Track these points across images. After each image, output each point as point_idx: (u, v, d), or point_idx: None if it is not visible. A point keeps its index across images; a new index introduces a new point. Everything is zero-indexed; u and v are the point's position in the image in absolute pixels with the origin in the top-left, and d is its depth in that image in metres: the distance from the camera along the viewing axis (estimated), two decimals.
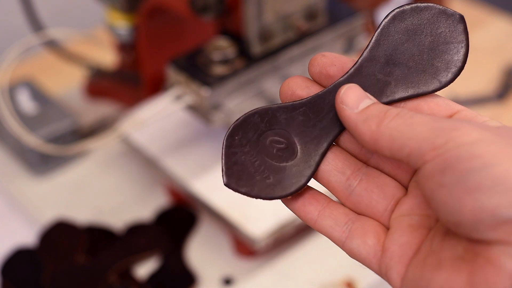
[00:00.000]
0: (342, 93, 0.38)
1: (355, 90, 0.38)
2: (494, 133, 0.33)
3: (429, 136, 0.34)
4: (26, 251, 0.79)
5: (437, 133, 0.34)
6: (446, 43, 0.40)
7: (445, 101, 0.39)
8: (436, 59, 0.40)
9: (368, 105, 0.38)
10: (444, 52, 0.40)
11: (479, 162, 0.32)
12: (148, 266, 0.78)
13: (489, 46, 1.11)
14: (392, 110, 0.37)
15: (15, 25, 0.98)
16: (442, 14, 0.40)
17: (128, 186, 0.87)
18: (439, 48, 0.40)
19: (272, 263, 0.77)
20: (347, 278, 0.74)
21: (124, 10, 0.83)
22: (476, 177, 0.32)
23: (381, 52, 0.40)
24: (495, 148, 0.32)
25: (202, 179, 0.79)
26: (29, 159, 0.87)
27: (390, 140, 0.36)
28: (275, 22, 0.76)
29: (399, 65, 0.39)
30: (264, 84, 0.77)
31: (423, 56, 0.39)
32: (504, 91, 1.02)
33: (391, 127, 0.36)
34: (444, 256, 0.34)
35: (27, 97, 0.90)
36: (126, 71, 0.92)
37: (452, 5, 1.19)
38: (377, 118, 0.37)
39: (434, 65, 0.40)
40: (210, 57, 0.74)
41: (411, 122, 0.35)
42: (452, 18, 0.40)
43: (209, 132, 0.84)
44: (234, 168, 0.38)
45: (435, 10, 0.40)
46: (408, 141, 0.35)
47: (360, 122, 0.37)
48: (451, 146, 0.33)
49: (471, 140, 0.33)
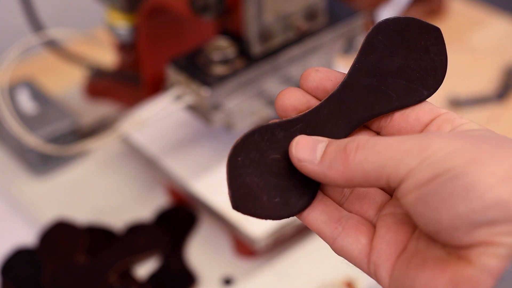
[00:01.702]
0: (293, 152, 0.38)
1: (304, 142, 0.38)
2: (465, 142, 0.34)
3: (402, 159, 0.35)
4: (26, 251, 0.79)
5: (410, 154, 0.35)
6: (427, 54, 0.41)
7: (428, 106, 0.40)
8: (420, 70, 0.41)
9: (324, 150, 0.38)
10: (427, 63, 0.41)
11: (452, 173, 0.33)
12: (148, 266, 0.78)
13: (489, 46, 1.11)
14: (350, 144, 0.37)
15: (15, 25, 0.98)
16: (422, 27, 0.41)
17: (128, 186, 0.87)
18: (422, 59, 0.41)
19: (272, 263, 0.77)
20: (347, 278, 0.74)
21: (124, 10, 0.83)
22: (449, 187, 0.33)
23: (369, 64, 0.40)
24: (466, 158, 0.33)
25: (202, 179, 0.79)
26: (29, 159, 0.87)
27: (364, 174, 0.36)
28: (275, 22, 0.76)
29: (387, 77, 0.40)
30: (264, 84, 0.77)
31: (408, 67, 0.40)
32: (504, 91, 1.02)
33: (359, 161, 0.36)
34: (429, 255, 0.35)
35: (27, 97, 0.90)
36: (126, 71, 0.92)
37: (452, 5, 1.19)
38: (340, 159, 0.37)
39: (419, 76, 0.41)
40: (210, 57, 0.74)
41: (377, 151, 0.36)
42: (431, 31, 0.41)
43: (209, 132, 0.84)
44: (241, 191, 0.38)
45: (415, 23, 0.41)
46: (383, 169, 0.35)
47: (326, 170, 0.37)
48: (426, 164, 0.34)
49: (445, 152, 0.34)
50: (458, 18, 1.17)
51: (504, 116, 0.98)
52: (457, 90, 1.02)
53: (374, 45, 0.40)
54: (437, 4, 1.15)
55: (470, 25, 1.15)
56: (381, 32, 0.40)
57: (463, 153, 0.34)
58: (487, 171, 0.33)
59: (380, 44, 0.40)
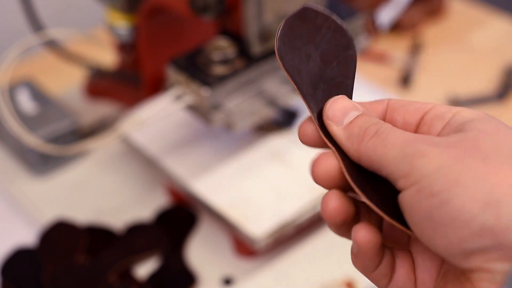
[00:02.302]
0: (327, 107, 0.39)
1: (340, 103, 0.39)
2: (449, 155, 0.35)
3: (398, 163, 0.36)
4: (26, 251, 0.79)
5: (404, 160, 0.35)
6: (332, 41, 0.42)
7: (413, 105, 0.40)
8: (336, 66, 0.42)
9: (351, 120, 0.39)
10: (338, 56, 0.42)
11: (438, 200, 0.34)
12: (148, 266, 0.78)
13: (489, 46, 1.11)
14: (371, 128, 0.38)
15: (15, 25, 0.98)
16: (316, 16, 0.42)
17: (128, 186, 0.87)
18: (331, 49, 0.42)
19: (272, 263, 0.77)
20: (347, 278, 0.74)
21: (124, 10, 0.83)
22: (437, 215, 0.34)
23: (305, 77, 0.41)
24: (449, 180, 0.34)
25: (202, 179, 0.79)
26: (29, 159, 0.87)
27: (369, 160, 0.37)
28: (275, 22, 0.76)
29: (319, 85, 0.41)
30: (264, 84, 0.77)
31: (325, 64, 0.41)
32: (504, 91, 1.02)
33: (369, 148, 0.37)
34: (450, 277, 0.37)
35: (27, 97, 0.90)
36: (126, 71, 0.92)
37: (452, 5, 1.19)
38: (357, 137, 0.38)
39: (338, 71, 0.42)
40: (210, 57, 0.74)
41: (385, 144, 0.37)
42: (328, 21, 0.43)
43: (209, 132, 0.84)
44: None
45: (310, 14, 0.42)
46: (382, 164, 0.36)
47: (344, 139, 0.39)
48: (414, 178, 0.35)
49: (431, 170, 0.34)
50: (458, 18, 1.17)
51: (504, 116, 0.98)
52: (457, 90, 1.02)
53: (287, 58, 0.41)
54: (437, 4, 1.15)
55: (470, 25, 1.15)
56: (285, 43, 0.41)
57: (446, 174, 0.34)
58: (470, 196, 0.33)
59: (292, 56, 0.41)
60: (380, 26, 1.10)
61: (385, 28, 1.11)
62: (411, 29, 1.12)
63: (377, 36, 1.11)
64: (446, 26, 1.15)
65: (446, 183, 0.34)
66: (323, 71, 0.41)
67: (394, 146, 0.36)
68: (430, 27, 1.14)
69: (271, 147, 0.83)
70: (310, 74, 0.41)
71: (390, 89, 1.03)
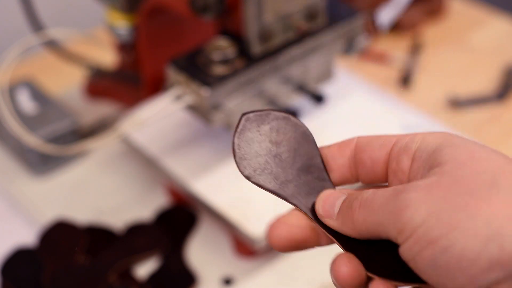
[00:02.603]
0: (318, 208, 0.41)
1: (326, 199, 0.41)
2: (439, 197, 0.35)
3: (390, 222, 0.36)
4: (26, 251, 0.79)
5: (394, 217, 0.36)
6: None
7: (379, 142, 0.41)
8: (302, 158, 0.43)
9: (340, 206, 0.40)
10: (294, 142, 0.43)
11: (438, 246, 0.34)
12: (148, 266, 0.78)
13: (489, 46, 1.11)
14: (355, 202, 0.39)
15: (15, 25, 0.98)
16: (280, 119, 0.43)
17: (128, 186, 0.87)
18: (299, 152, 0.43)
19: (272, 263, 0.77)
20: None
21: (124, 10, 0.83)
22: (442, 261, 0.34)
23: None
24: (444, 225, 0.34)
25: (202, 179, 0.79)
26: (29, 159, 0.87)
27: (367, 230, 0.38)
28: (275, 22, 0.76)
29: (294, 180, 0.43)
30: (264, 84, 0.77)
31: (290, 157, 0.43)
32: (504, 91, 1.01)
33: (362, 221, 0.38)
34: None
35: (27, 97, 0.90)
36: (126, 71, 0.92)
37: (452, 5, 1.19)
38: (348, 218, 0.39)
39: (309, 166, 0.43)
40: (210, 57, 0.74)
41: (372, 210, 0.37)
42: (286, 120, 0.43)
43: (209, 132, 0.84)
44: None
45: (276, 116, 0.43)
46: (378, 228, 0.37)
47: (340, 226, 0.40)
48: (409, 231, 0.35)
49: (421, 219, 0.35)
50: (458, 18, 1.17)
51: (504, 116, 0.98)
52: (457, 90, 1.02)
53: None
54: (437, 4, 1.15)
55: (470, 25, 1.15)
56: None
57: (439, 219, 0.34)
58: (470, 236, 0.33)
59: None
60: (380, 26, 1.10)
61: (385, 28, 1.11)
62: (411, 29, 1.12)
63: (377, 36, 1.11)
64: (446, 26, 1.15)
65: (441, 228, 0.34)
66: (291, 164, 0.42)
67: (380, 207, 0.37)
68: (430, 27, 1.14)
69: None
70: (282, 175, 0.42)
71: (390, 89, 1.03)
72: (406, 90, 1.02)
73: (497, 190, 0.34)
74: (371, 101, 0.89)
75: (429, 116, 0.97)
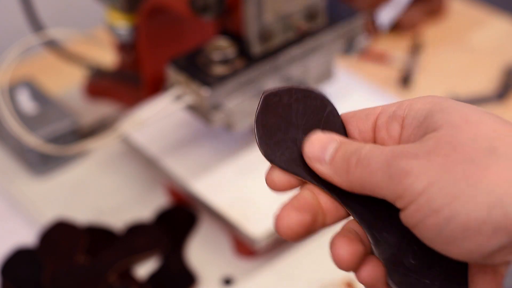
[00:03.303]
0: (306, 149, 0.39)
1: (315, 141, 0.39)
2: (439, 166, 0.35)
3: (388, 186, 0.36)
4: (26, 251, 0.79)
5: (393, 182, 0.36)
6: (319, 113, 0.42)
7: (363, 112, 0.41)
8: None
9: (332, 153, 0.39)
10: (320, 121, 0.42)
11: (442, 216, 0.34)
12: (148, 266, 0.78)
13: (489, 46, 1.11)
14: (353, 158, 0.38)
15: (15, 25, 0.98)
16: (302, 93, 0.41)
17: (128, 186, 0.87)
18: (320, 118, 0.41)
19: (272, 263, 0.77)
20: (347, 278, 0.74)
21: (124, 10, 0.83)
22: (447, 232, 0.34)
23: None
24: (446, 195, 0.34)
25: (202, 179, 0.79)
26: (29, 159, 0.87)
27: (362, 187, 0.38)
28: (275, 22, 0.76)
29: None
30: (264, 84, 0.77)
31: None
32: (504, 91, 1.01)
33: (357, 177, 0.37)
34: (474, 270, 0.38)
35: (27, 97, 0.90)
36: (126, 71, 0.92)
37: (452, 5, 1.19)
38: (343, 170, 0.38)
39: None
40: (210, 57, 0.74)
41: (370, 171, 0.37)
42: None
43: (209, 132, 0.84)
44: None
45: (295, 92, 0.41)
46: (375, 189, 0.37)
47: (332, 175, 0.39)
48: (409, 198, 0.35)
49: (422, 188, 0.35)
50: (458, 18, 1.17)
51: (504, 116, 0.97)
52: (457, 90, 1.01)
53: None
54: (437, 4, 1.15)
55: (470, 25, 1.15)
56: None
57: (441, 189, 0.34)
58: (473, 205, 0.34)
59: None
60: (380, 26, 1.10)
61: (385, 28, 1.11)
62: (411, 29, 1.12)
63: (377, 36, 1.11)
64: (446, 26, 1.15)
65: (443, 198, 0.34)
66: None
67: (379, 170, 0.36)
68: (430, 27, 1.14)
69: None
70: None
71: (390, 89, 1.03)
72: (406, 90, 1.02)
73: (495, 157, 0.34)
74: (371, 101, 0.89)
75: None
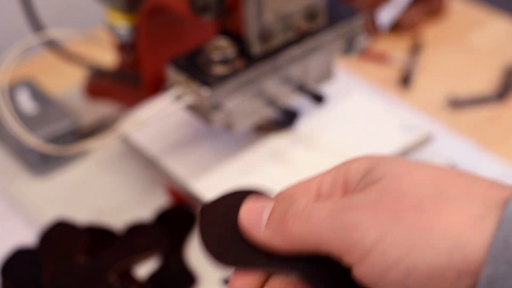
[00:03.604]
0: (241, 218, 0.38)
1: (251, 207, 0.38)
2: (388, 215, 0.34)
3: (334, 240, 0.34)
4: (26, 251, 0.79)
5: (340, 236, 0.34)
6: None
7: (301, 188, 0.39)
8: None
9: (269, 214, 0.37)
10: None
11: (402, 269, 0.33)
12: (148, 266, 0.78)
13: (489, 46, 1.11)
14: (289, 213, 0.36)
15: (15, 25, 0.98)
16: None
17: (128, 186, 0.87)
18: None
19: None
20: None
21: (124, 10, 0.83)
22: (410, 284, 0.33)
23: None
24: (402, 244, 0.33)
25: (202, 179, 0.79)
26: (29, 159, 0.87)
27: (304, 243, 0.36)
28: (275, 22, 0.76)
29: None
30: (264, 84, 0.77)
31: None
32: (504, 91, 1.02)
33: (297, 233, 0.35)
34: None
35: (27, 97, 0.90)
36: (126, 71, 0.92)
37: (452, 5, 1.19)
38: (281, 228, 0.36)
39: None
40: (210, 57, 0.74)
41: (311, 224, 0.35)
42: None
43: (209, 132, 0.84)
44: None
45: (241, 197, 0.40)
46: (318, 244, 0.35)
47: (271, 238, 0.37)
48: (360, 253, 0.34)
49: (374, 241, 0.33)
50: (458, 18, 1.17)
51: (504, 116, 0.98)
52: (457, 90, 1.02)
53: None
54: (437, 4, 1.15)
55: (470, 25, 1.15)
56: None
57: (394, 240, 0.33)
58: (433, 253, 0.33)
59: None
60: (380, 26, 1.10)
61: (385, 28, 1.11)
62: (411, 29, 1.12)
63: (377, 36, 1.11)
64: (446, 26, 1.15)
65: (399, 249, 0.33)
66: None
67: (323, 223, 0.35)
68: (430, 27, 1.14)
69: (271, 147, 0.83)
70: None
71: (390, 89, 1.03)
72: (406, 90, 1.03)
73: (443, 200, 0.33)
74: (371, 101, 0.89)
75: (429, 116, 0.97)
